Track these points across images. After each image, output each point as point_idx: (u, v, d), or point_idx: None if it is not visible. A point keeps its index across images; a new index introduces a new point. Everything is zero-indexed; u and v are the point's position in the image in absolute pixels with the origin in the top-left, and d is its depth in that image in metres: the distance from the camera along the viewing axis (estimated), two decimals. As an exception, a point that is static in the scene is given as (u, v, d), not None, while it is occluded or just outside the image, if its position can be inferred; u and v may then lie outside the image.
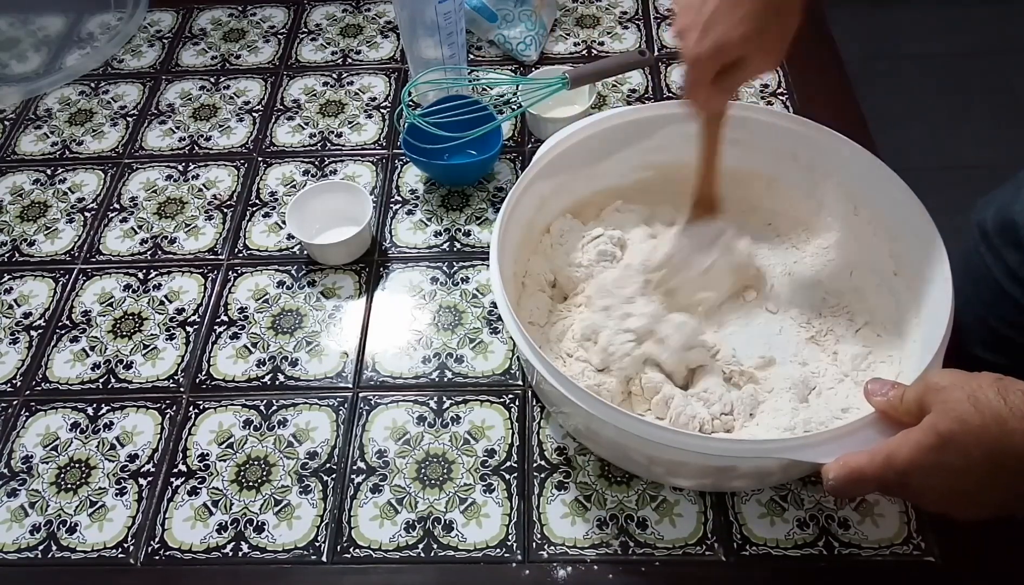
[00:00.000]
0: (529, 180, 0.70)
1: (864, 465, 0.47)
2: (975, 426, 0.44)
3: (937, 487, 0.46)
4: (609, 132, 0.74)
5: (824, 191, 0.74)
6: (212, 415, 0.72)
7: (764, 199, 0.77)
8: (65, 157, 0.96)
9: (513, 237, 0.69)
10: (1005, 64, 2.06)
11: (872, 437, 0.51)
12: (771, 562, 0.62)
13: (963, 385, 0.45)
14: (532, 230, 0.75)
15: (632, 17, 1.07)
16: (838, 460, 0.49)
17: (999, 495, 0.46)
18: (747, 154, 0.74)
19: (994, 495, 0.46)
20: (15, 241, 0.88)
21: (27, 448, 0.71)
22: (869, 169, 0.69)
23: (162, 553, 0.65)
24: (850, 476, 0.48)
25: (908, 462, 0.46)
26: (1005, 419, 0.43)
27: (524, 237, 0.73)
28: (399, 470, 0.68)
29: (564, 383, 0.56)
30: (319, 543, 0.64)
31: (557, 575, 0.62)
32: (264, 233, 0.86)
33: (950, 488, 0.46)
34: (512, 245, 0.69)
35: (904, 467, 0.46)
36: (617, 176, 0.77)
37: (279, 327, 0.78)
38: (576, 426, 0.66)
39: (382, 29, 1.09)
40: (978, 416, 0.44)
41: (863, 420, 0.52)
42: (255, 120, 0.98)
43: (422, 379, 0.73)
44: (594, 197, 0.78)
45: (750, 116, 0.72)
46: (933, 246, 0.62)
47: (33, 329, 0.80)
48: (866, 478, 0.48)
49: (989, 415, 0.43)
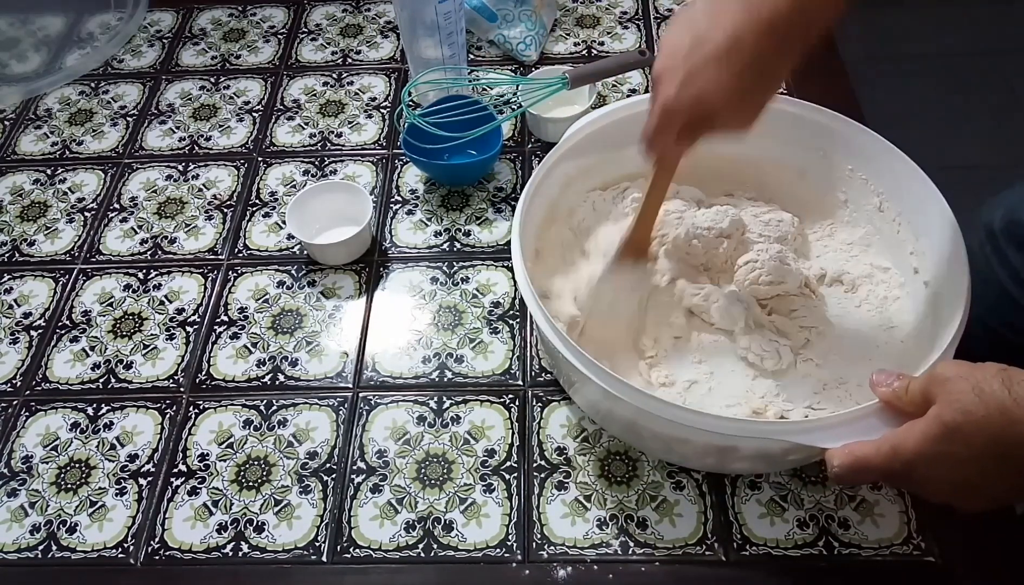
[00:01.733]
0: (556, 159, 0.71)
1: (870, 455, 0.48)
2: (979, 416, 0.44)
3: (941, 478, 0.46)
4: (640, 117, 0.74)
5: (850, 185, 0.74)
6: (212, 415, 0.72)
7: (792, 191, 0.78)
8: (65, 157, 0.96)
9: (535, 216, 0.70)
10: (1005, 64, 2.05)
11: (877, 425, 0.51)
12: (771, 562, 0.62)
13: (967, 376, 0.45)
14: (556, 210, 0.75)
15: (632, 17, 1.07)
16: (843, 448, 0.49)
17: (1003, 485, 0.46)
18: (776, 146, 0.74)
19: (998, 485, 0.46)
20: (15, 241, 0.88)
21: (27, 448, 0.71)
22: (896, 165, 0.69)
23: (162, 553, 0.65)
24: (855, 465, 0.48)
25: (914, 452, 0.46)
26: (1009, 409, 0.43)
27: (547, 216, 0.74)
28: (399, 470, 0.68)
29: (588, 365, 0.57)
30: (319, 543, 0.64)
31: (557, 575, 0.62)
32: (264, 233, 0.86)
33: (954, 479, 0.46)
34: (534, 224, 0.70)
35: (910, 458, 0.46)
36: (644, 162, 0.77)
37: (279, 327, 0.78)
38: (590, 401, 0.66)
39: (382, 29, 1.09)
40: (982, 406, 0.44)
41: (867, 408, 0.53)
42: (255, 120, 0.98)
43: (422, 379, 0.73)
44: (620, 181, 0.78)
45: (780, 108, 0.73)
46: (954, 246, 0.63)
47: (33, 329, 0.80)
48: (871, 468, 0.48)
49: (993, 405, 0.44)
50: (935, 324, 0.64)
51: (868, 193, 0.73)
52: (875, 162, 0.71)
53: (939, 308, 0.64)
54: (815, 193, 0.76)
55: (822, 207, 0.77)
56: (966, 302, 0.59)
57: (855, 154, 0.72)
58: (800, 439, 0.53)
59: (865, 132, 0.71)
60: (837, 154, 0.73)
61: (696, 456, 0.64)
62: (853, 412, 0.53)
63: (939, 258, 0.65)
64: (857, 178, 0.73)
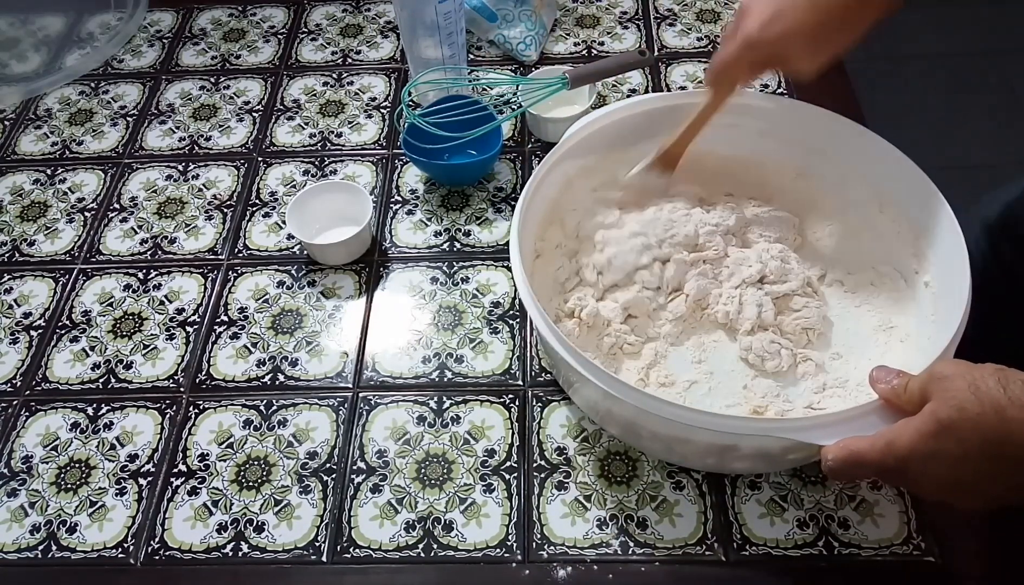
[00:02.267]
0: (556, 158, 0.71)
1: (865, 450, 0.48)
2: (973, 414, 0.44)
3: (935, 475, 0.46)
4: (642, 116, 0.74)
5: (851, 186, 0.74)
6: (212, 415, 0.72)
7: (792, 191, 0.78)
8: (65, 157, 0.96)
9: (535, 217, 0.71)
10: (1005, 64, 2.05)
11: (876, 424, 0.51)
12: (771, 562, 0.62)
13: (964, 374, 0.46)
14: (556, 210, 0.75)
15: (632, 17, 1.07)
16: (838, 443, 0.50)
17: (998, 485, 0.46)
18: (776, 146, 0.75)
19: (993, 485, 0.46)
20: (15, 241, 0.88)
21: (27, 448, 0.71)
22: (896, 165, 0.69)
23: (162, 553, 0.65)
24: (849, 459, 0.49)
25: (908, 448, 0.46)
26: (1004, 408, 0.43)
27: (546, 216, 0.74)
28: (399, 470, 0.68)
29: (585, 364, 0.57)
30: (319, 543, 0.64)
31: (557, 575, 0.62)
32: (264, 233, 0.86)
33: (948, 477, 0.46)
34: (533, 225, 0.71)
35: (904, 453, 0.46)
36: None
37: (279, 327, 0.78)
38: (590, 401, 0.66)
39: (382, 29, 1.09)
40: (977, 405, 0.44)
41: (867, 406, 0.53)
42: (255, 120, 0.98)
43: (422, 379, 0.73)
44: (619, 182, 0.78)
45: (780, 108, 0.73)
46: (955, 246, 0.63)
47: (33, 329, 0.80)
48: (866, 462, 0.48)
49: (988, 404, 0.44)
50: (935, 324, 0.64)
51: (868, 193, 0.73)
52: (875, 162, 0.71)
53: (939, 308, 0.64)
54: (815, 193, 0.76)
55: (822, 207, 0.77)
56: (967, 302, 0.59)
57: (855, 154, 0.72)
58: (800, 437, 0.53)
59: (865, 132, 0.71)
60: (837, 154, 0.73)
61: (696, 456, 0.64)
62: (853, 410, 0.53)
63: (940, 258, 0.65)
64: (857, 178, 0.73)
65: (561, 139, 0.72)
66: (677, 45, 1.02)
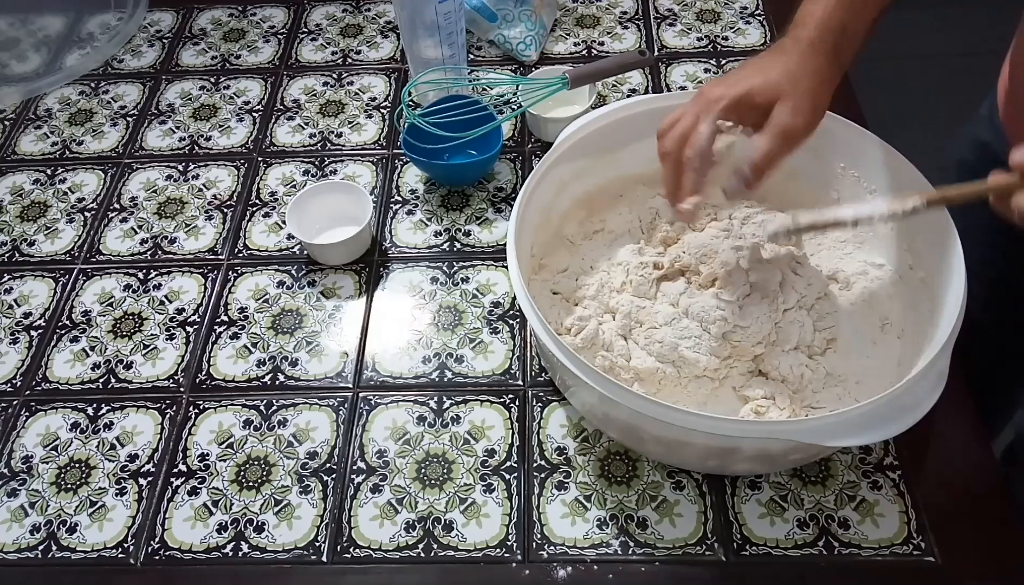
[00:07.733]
0: (550, 164, 0.70)
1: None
2: None
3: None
4: (633, 119, 0.74)
5: (843, 184, 0.74)
6: (212, 415, 0.72)
7: (784, 191, 0.77)
8: (65, 157, 0.96)
9: (531, 220, 0.70)
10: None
11: (876, 423, 0.52)
12: (771, 562, 0.62)
13: None
14: (550, 214, 0.75)
15: (632, 17, 1.07)
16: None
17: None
18: None
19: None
20: (15, 241, 0.88)
21: (27, 448, 0.71)
22: (888, 163, 0.69)
23: (162, 553, 0.65)
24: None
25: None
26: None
27: (542, 221, 0.74)
28: (399, 470, 0.68)
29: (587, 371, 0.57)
30: (319, 543, 0.64)
31: (557, 575, 0.62)
32: (264, 233, 0.86)
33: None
34: (529, 228, 0.70)
35: None
36: (640, 163, 0.77)
37: (279, 327, 0.78)
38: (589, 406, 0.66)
39: (382, 29, 1.09)
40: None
41: (868, 405, 0.53)
42: (255, 120, 0.98)
43: (422, 379, 0.74)
44: (613, 183, 0.78)
45: None
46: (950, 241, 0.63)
47: (33, 329, 0.80)
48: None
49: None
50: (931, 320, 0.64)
51: (861, 191, 0.72)
52: (868, 160, 0.71)
53: (936, 304, 0.64)
54: (808, 193, 0.76)
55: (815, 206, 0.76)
56: (962, 298, 0.59)
57: (847, 152, 0.72)
58: (801, 437, 0.53)
59: (859, 131, 0.71)
60: (829, 153, 0.73)
61: (697, 459, 0.64)
62: (854, 409, 0.53)
63: (934, 254, 0.65)
64: (850, 176, 0.73)
65: (555, 142, 0.72)
66: (677, 45, 1.02)
